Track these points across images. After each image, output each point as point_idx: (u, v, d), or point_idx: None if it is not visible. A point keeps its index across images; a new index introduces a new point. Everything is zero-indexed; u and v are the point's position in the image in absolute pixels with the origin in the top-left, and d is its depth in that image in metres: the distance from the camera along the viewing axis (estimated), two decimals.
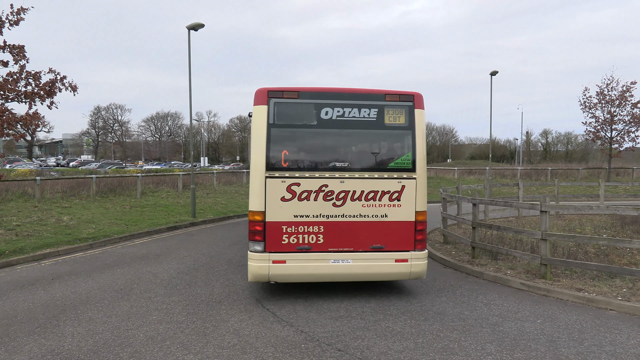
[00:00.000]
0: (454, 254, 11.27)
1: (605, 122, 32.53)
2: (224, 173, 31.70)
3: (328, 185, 7.60)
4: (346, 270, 7.59)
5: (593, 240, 8.73)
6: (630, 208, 8.12)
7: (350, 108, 7.71)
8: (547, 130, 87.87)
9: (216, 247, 12.41)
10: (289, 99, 7.66)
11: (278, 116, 7.61)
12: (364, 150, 7.96)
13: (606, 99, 32.34)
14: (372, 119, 7.72)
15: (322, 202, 7.57)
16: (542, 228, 8.80)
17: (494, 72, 28.75)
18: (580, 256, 10.28)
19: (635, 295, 7.53)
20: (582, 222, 15.81)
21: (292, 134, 7.75)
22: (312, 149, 7.85)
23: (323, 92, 7.75)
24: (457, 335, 6.04)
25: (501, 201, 11.75)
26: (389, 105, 7.74)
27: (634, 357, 5.37)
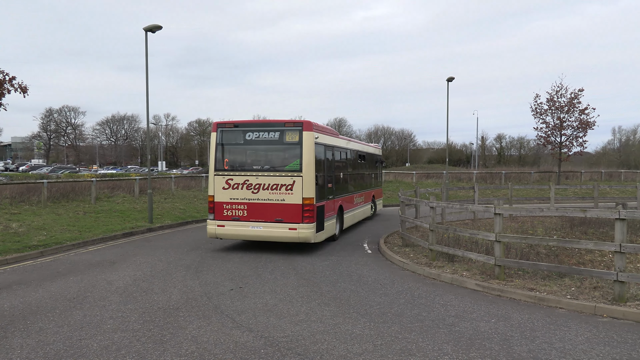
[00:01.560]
0: (412, 256, 11.45)
1: (555, 127, 33.82)
2: (183, 177, 31.17)
3: (249, 180, 12.01)
4: (259, 233, 11.96)
5: (544, 241, 9.05)
6: (578, 210, 8.47)
7: (264, 132, 12.14)
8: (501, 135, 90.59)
9: (174, 253, 12.19)
10: (229, 128, 12.38)
11: (222, 139, 12.39)
12: (271, 158, 12.26)
13: (556, 105, 33.64)
14: (276, 138, 12.05)
15: (245, 190, 12.02)
16: (496, 230, 9.06)
17: (451, 78, 29.43)
18: (532, 257, 10.62)
19: (583, 294, 7.85)
20: (534, 224, 16.35)
21: (229, 149, 12.44)
22: (240, 157, 12.44)
23: (248, 122, 12.42)
24: (415, 337, 6.14)
25: (457, 204, 12.02)
26: (287, 130, 11.93)
27: (581, 352, 5.59)
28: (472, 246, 11.25)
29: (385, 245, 12.90)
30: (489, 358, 5.45)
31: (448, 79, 29.60)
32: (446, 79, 29.58)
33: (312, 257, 11.68)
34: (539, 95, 34.39)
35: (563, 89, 33.56)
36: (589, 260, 11.87)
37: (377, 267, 10.72)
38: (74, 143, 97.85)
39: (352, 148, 16.63)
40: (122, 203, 21.56)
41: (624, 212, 7.34)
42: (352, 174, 16.47)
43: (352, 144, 17.01)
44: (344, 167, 15.47)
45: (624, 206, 7.49)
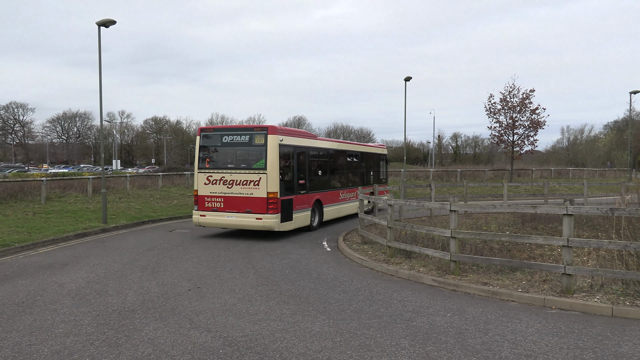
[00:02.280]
0: (371, 253, 11.59)
1: (508, 126, 34.92)
2: (139, 176, 30.46)
3: (224, 176, 14.06)
4: (232, 222, 14.00)
5: (497, 237, 9.34)
6: (529, 206, 8.77)
7: (237, 136, 14.16)
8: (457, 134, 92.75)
9: (129, 254, 11.91)
10: (209, 132, 14.64)
11: (204, 141, 14.60)
12: (243, 158, 14.27)
13: (509, 105, 34.73)
14: (247, 141, 13.97)
15: (222, 186, 14.08)
16: (452, 227, 9.29)
17: (408, 77, 29.89)
18: (486, 252, 10.94)
19: (533, 287, 8.15)
20: (488, 220, 16.85)
21: (209, 150, 14.59)
22: (218, 157, 14.50)
23: (224, 127, 14.86)
24: (373, 332, 6.22)
25: (415, 202, 12.25)
26: (255, 133, 13.87)
27: (531, 343, 5.81)
28: (429, 243, 11.49)
29: (344, 243, 13.00)
30: (445, 351, 5.58)
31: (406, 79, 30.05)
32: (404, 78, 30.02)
33: (272, 256, 11.65)
34: (493, 96, 35.45)
35: (515, 89, 34.71)
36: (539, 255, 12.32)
37: (336, 264, 10.80)
38: (22, 141, 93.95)
39: (336, 148, 18.01)
40: (74, 203, 20.88)
41: (571, 208, 7.66)
42: (336, 172, 17.93)
43: (337, 144, 18.60)
44: (325, 165, 16.95)
45: (571, 202, 7.81)
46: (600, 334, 6.13)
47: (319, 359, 5.39)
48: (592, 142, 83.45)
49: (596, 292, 7.67)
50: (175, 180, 30.39)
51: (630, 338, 5.97)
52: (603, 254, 10.53)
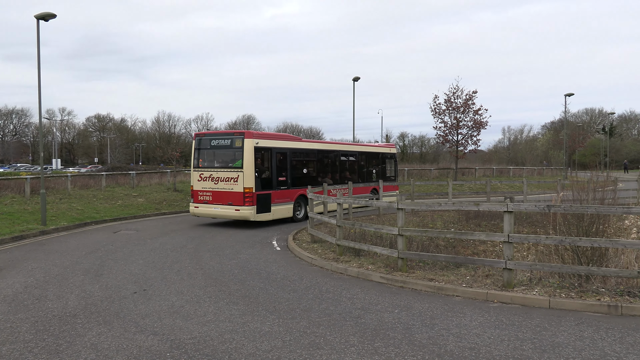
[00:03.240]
0: (321, 252, 11.64)
1: (452, 127, 35.93)
2: (81, 176, 29.29)
3: (212, 174, 16.55)
4: (218, 212, 16.44)
5: (442, 234, 9.61)
6: (472, 204, 9.06)
7: (221, 140, 16.73)
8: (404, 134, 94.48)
9: (71, 257, 11.44)
10: (201, 137, 17.29)
11: (198, 145, 17.16)
12: (226, 158, 16.66)
13: (453, 106, 35.74)
14: (228, 144, 16.45)
15: (210, 182, 16.55)
16: (399, 224, 9.47)
17: (357, 78, 30.23)
18: (432, 249, 11.24)
19: (477, 282, 8.43)
20: (434, 218, 17.30)
21: (202, 152, 17.08)
22: (208, 158, 17.01)
23: (213, 133, 17.27)
24: (323, 331, 6.26)
25: (363, 200, 12.41)
26: (235, 137, 16.25)
27: (475, 336, 6.01)
28: (377, 240, 11.67)
29: (294, 242, 13.00)
30: (393, 347, 5.69)
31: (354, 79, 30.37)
32: (352, 78, 30.34)
33: (221, 257, 11.50)
34: (438, 97, 36.31)
35: (459, 90, 35.73)
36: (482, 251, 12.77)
37: (286, 263, 10.79)
38: None
39: (324, 149, 20.25)
40: (10, 204, 19.84)
41: (511, 205, 7.97)
42: (326, 170, 19.92)
43: (326, 145, 21.31)
44: (311, 164, 19.06)
45: (511, 200, 8.13)
46: (538, 325, 6.42)
47: (269, 358, 5.37)
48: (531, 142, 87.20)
49: (535, 286, 8.02)
50: (119, 180, 29.43)
51: (566, 328, 6.28)
52: (541, 249, 11.03)
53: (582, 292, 7.54)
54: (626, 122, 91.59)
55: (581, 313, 6.97)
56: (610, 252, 9.19)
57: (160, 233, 15.45)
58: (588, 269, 7.76)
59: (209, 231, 15.80)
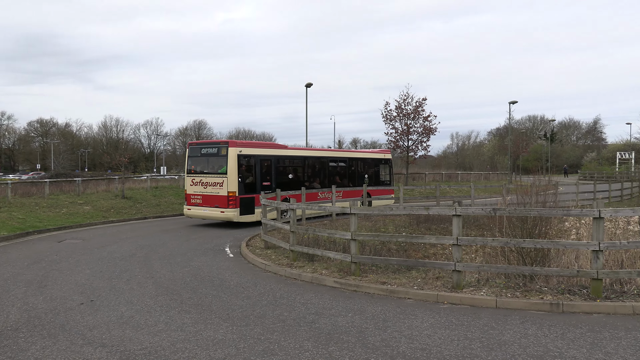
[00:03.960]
0: (274, 258, 11.61)
1: (403, 133, 36.72)
2: (22, 183, 27.98)
3: (202, 179, 18.22)
4: (207, 214, 18.09)
5: (394, 237, 9.79)
6: (422, 208, 9.29)
7: (210, 148, 18.53)
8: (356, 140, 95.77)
9: (12, 268, 10.91)
10: (194, 146, 19.29)
11: (190, 152, 19.06)
12: (213, 165, 18.22)
13: (403, 112, 36.53)
14: (215, 152, 18.12)
15: (200, 186, 18.23)
16: (352, 229, 9.57)
17: (309, 84, 30.40)
18: (384, 253, 11.42)
19: (428, 284, 8.63)
20: (386, 222, 17.56)
21: (193, 159, 18.84)
22: (199, 165, 18.65)
23: (203, 142, 19.84)
24: (277, 337, 6.24)
25: (316, 206, 12.47)
26: (221, 146, 17.99)
27: (426, 337, 6.15)
28: (331, 245, 11.75)
29: (247, 249, 12.91)
30: (347, 350, 5.74)
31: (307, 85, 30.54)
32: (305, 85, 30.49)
33: (172, 265, 11.27)
34: (389, 103, 37.05)
35: (409, 97, 36.60)
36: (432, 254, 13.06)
37: (240, 270, 10.69)
38: None
39: (311, 155, 21.69)
40: None
41: (460, 209, 8.23)
42: (314, 175, 21.41)
43: (314, 152, 22.56)
44: (298, 169, 20.69)
45: (459, 204, 8.40)
46: (486, 324, 6.65)
47: None
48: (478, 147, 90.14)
49: (482, 286, 8.30)
50: (64, 187, 28.29)
51: (512, 327, 6.53)
52: (489, 251, 11.41)
53: (527, 292, 7.86)
54: (566, 129, 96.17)
55: (526, 312, 7.26)
56: (552, 252, 9.62)
57: (108, 242, 14.97)
58: (532, 269, 8.10)
59: (160, 239, 15.44)
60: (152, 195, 27.04)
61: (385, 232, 15.42)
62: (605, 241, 7.48)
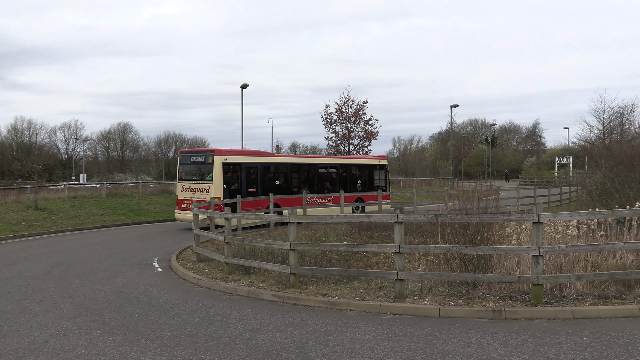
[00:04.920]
0: (207, 272, 11.41)
1: (344, 137, 37.22)
2: None
3: (191, 185, 20.57)
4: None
5: (335, 247, 9.88)
6: (363, 215, 9.43)
7: (198, 156, 21.26)
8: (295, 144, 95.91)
9: None
10: (184, 154, 22.27)
11: (181, 160, 21.74)
12: (201, 172, 20.51)
13: (344, 115, 37.05)
14: (203, 160, 20.60)
15: (189, 192, 20.51)
16: (290, 239, 9.57)
17: (245, 85, 30.21)
18: (325, 263, 11.49)
19: (370, 295, 8.76)
20: (327, 231, 17.69)
21: (183, 166, 21.38)
22: (188, 172, 21.08)
23: (193, 150, 25.19)
24: (211, 356, 6.12)
25: (253, 214, 12.39)
26: (207, 154, 20.44)
27: (369, 350, 6.23)
28: (269, 257, 11.69)
29: (177, 262, 12.62)
30: None
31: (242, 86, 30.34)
32: (241, 85, 30.28)
33: (93, 282, 10.82)
34: (329, 106, 37.46)
35: (350, 100, 37.18)
36: (375, 263, 13.29)
37: (169, 286, 10.42)
38: None
39: (300, 162, 24.08)
40: None
41: (401, 215, 8.42)
42: (303, 181, 23.50)
43: (302, 159, 25.13)
44: (285, 176, 22.80)
45: (401, 210, 8.60)
46: (429, 334, 6.82)
47: None
48: (420, 152, 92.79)
49: (425, 295, 8.52)
50: None
51: (455, 336, 6.73)
52: (431, 259, 11.74)
53: (470, 299, 8.14)
54: (506, 133, 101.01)
55: (469, 320, 7.51)
56: (494, 258, 10.02)
57: (18, 258, 14.16)
58: (474, 276, 8.41)
59: (79, 254, 14.79)
60: (70, 206, 25.89)
61: (326, 241, 15.52)
62: (544, 246, 7.89)
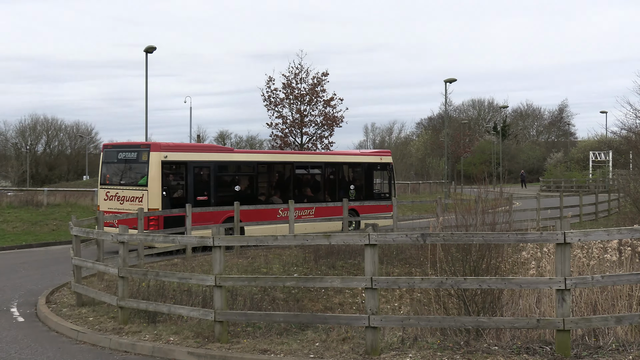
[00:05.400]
0: (93, 320, 11.19)
1: (294, 123, 37.05)
2: None
3: (118, 193, 20.67)
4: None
5: (280, 281, 9.83)
6: (321, 236, 9.34)
7: (128, 152, 21.22)
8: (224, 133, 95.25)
9: None
10: (109, 149, 22.56)
11: (105, 158, 22.11)
12: (132, 175, 20.81)
13: (295, 93, 36.85)
14: (134, 158, 20.68)
15: (116, 202, 20.69)
16: (216, 271, 9.41)
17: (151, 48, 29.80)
18: (266, 305, 11.42)
19: (330, 350, 8.72)
20: (270, 259, 17.63)
21: (109, 166, 21.82)
22: (114, 174, 21.50)
23: (121, 144, 24.49)
24: None
25: (161, 236, 12.19)
26: (142, 150, 20.45)
27: None
28: (184, 297, 11.54)
29: (47, 307, 12.36)
30: None
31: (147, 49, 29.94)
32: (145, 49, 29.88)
33: None
34: (273, 80, 37.16)
35: (303, 71, 37.02)
36: (337, 304, 13.31)
37: (34, 343, 10.22)
38: None
39: (273, 160, 24.87)
40: None
41: (375, 235, 8.37)
42: (274, 187, 24.37)
43: (276, 156, 26.14)
44: (248, 180, 23.54)
45: (374, 228, 8.56)
46: None
47: None
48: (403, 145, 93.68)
49: (409, 349, 8.53)
50: None
51: None
52: (418, 296, 11.84)
53: (470, 353, 8.19)
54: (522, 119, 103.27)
55: None
56: (505, 295, 10.17)
57: None
58: (477, 320, 8.48)
59: None
60: None
61: (268, 273, 15.43)
62: (573, 277, 8.03)
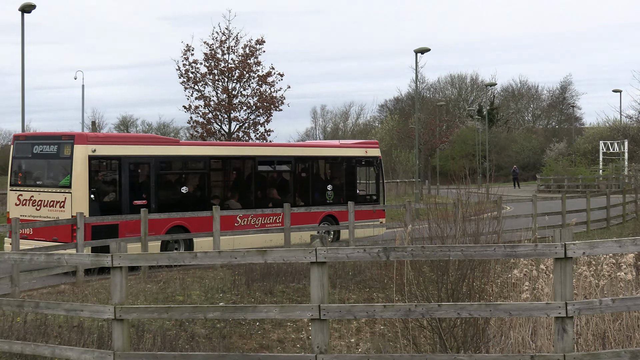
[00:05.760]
0: None
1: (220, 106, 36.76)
2: None
3: (33, 196, 20.40)
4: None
5: (200, 312, 9.76)
6: (254, 252, 9.28)
7: (46, 145, 20.86)
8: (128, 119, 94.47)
9: None
10: (22, 141, 23.04)
11: (16, 152, 21.99)
12: (51, 173, 20.81)
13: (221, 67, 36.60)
14: (55, 152, 20.54)
15: (31, 207, 20.31)
16: (116, 299, 9.33)
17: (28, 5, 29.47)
18: (182, 343, 11.36)
19: None
20: (189, 283, 17.54)
21: (22, 163, 21.97)
22: (29, 172, 21.84)
23: (37, 135, 28.25)
24: None
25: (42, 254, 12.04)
26: (63, 142, 20.08)
27: None
28: (73, 334, 11.43)
29: None
30: None
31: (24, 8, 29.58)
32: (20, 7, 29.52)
33: None
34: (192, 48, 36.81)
35: (232, 38, 36.77)
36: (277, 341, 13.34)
37: None
38: None
39: (230, 154, 25.18)
40: None
41: (323, 250, 8.36)
42: (234, 187, 25.11)
43: (234, 149, 26.63)
44: (199, 179, 24.18)
45: (322, 240, 8.53)
46: None
47: None
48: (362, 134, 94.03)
49: None
50: None
51: None
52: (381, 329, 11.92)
53: None
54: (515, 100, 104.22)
55: None
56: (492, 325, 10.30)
57: None
58: (455, 357, 8.55)
59: None
60: None
61: (185, 301, 15.38)
62: (576, 300, 8.15)
